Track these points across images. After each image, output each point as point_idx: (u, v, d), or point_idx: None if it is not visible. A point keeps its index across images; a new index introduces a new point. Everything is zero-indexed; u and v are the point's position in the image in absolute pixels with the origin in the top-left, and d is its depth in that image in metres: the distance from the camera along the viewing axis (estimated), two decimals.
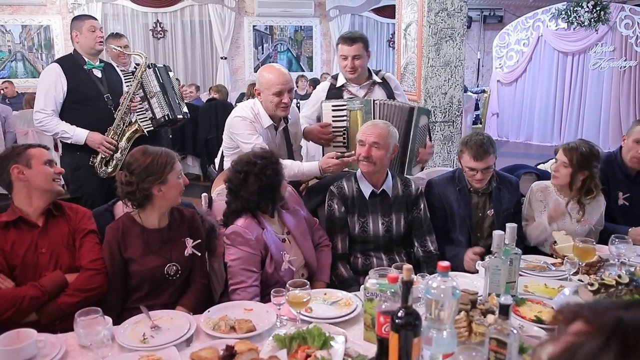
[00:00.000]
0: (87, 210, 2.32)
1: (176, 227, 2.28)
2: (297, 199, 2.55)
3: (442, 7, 4.67)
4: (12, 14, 9.54)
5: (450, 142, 4.92)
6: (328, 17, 11.20)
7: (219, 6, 10.37)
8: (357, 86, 3.23)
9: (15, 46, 9.65)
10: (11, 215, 2.12)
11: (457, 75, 4.85)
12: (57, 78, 3.29)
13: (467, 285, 2.02)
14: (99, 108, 3.38)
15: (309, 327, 1.72)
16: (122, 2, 9.95)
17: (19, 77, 9.55)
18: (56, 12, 9.68)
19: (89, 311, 1.70)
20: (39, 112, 3.28)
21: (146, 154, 2.18)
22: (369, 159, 2.53)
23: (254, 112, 2.91)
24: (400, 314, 1.44)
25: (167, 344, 1.74)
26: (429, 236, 2.67)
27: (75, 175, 3.35)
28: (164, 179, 2.15)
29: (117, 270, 2.15)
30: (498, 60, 10.65)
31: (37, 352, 1.67)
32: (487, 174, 2.69)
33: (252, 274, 2.22)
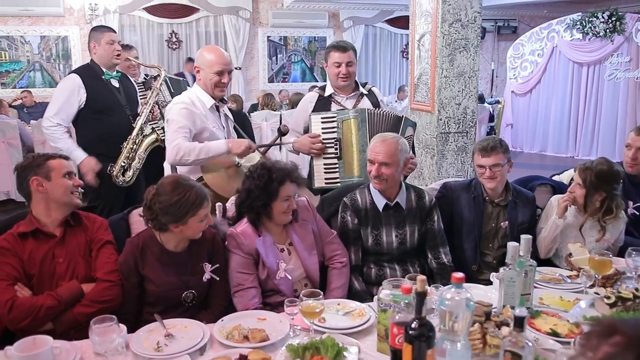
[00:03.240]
0: (104, 220, 2.33)
1: (196, 250, 2.23)
2: (311, 212, 2.53)
3: (456, 18, 4.67)
4: (32, 25, 9.70)
5: (464, 153, 4.90)
6: (342, 28, 11.27)
7: (233, 17, 10.48)
8: (345, 97, 3.27)
9: (34, 56, 9.82)
10: (29, 226, 2.13)
11: (470, 86, 4.84)
12: (75, 89, 3.32)
13: (481, 297, 2.01)
14: (119, 118, 3.42)
15: (322, 338, 1.72)
16: (138, 13, 10.09)
17: (37, 87, 9.70)
18: (74, 23, 9.84)
19: (104, 319, 1.71)
20: (48, 119, 3.33)
21: (175, 191, 2.10)
22: (380, 177, 2.53)
23: (192, 98, 2.92)
24: (414, 325, 1.44)
25: (181, 352, 1.74)
26: (443, 248, 2.65)
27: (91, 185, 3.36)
28: (184, 221, 2.10)
29: (132, 284, 2.15)
30: (512, 71, 10.61)
31: (53, 359, 1.69)
32: (496, 172, 2.67)
33: (248, 276, 2.27)
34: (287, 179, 2.30)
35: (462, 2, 4.65)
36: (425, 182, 4.92)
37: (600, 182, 2.64)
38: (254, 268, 2.30)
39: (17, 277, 2.06)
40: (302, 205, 2.49)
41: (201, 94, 2.95)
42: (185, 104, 2.87)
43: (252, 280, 2.27)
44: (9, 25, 9.61)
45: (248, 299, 2.22)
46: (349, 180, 3.06)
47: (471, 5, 4.68)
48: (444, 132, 4.86)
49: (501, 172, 2.69)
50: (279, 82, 11.20)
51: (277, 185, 2.28)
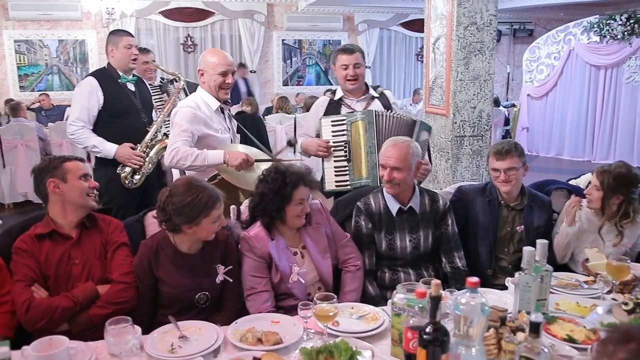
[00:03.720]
0: (119, 222, 2.35)
1: (209, 251, 2.25)
2: (325, 216, 2.52)
3: (472, 21, 4.65)
4: (50, 29, 9.85)
5: (479, 157, 4.88)
6: (356, 31, 11.27)
7: (248, 20, 10.54)
8: (355, 99, 3.27)
9: (52, 60, 9.96)
10: (46, 228, 2.16)
11: (486, 89, 4.81)
12: (93, 91, 3.33)
13: (496, 302, 1.99)
14: (134, 121, 3.44)
15: (336, 341, 1.72)
16: (154, 17, 10.19)
17: (54, 90, 9.84)
18: (91, 27, 9.96)
19: (119, 320, 1.73)
20: (72, 124, 3.33)
21: (188, 192, 2.12)
22: (392, 182, 2.52)
23: (197, 101, 2.95)
24: (428, 329, 1.43)
25: (195, 354, 1.75)
26: (457, 252, 2.63)
27: (108, 187, 3.37)
28: (197, 222, 2.12)
29: (146, 286, 2.17)
30: (528, 74, 10.53)
31: (69, 359, 1.70)
32: (511, 176, 2.65)
33: (261, 280, 2.27)
34: (300, 183, 2.31)
35: (478, 5, 4.64)
36: (440, 185, 4.90)
37: (618, 184, 2.62)
38: (266, 271, 2.30)
39: (34, 278, 2.08)
40: (316, 208, 2.49)
41: (206, 97, 2.98)
42: (190, 107, 2.90)
43: (264, 284, 2.27)
44: (28, 29, 9.76)
45: (260, 302, 2.23)
46: (357, 182, 3.07)
47: (487, 9, 4.66)
48: (459, 136, 4.84)
49: (516, 175, 2.66)
50: (293, 85, 11.23)
51: (291, 189, 2.28)
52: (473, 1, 4.62)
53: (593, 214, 2.74)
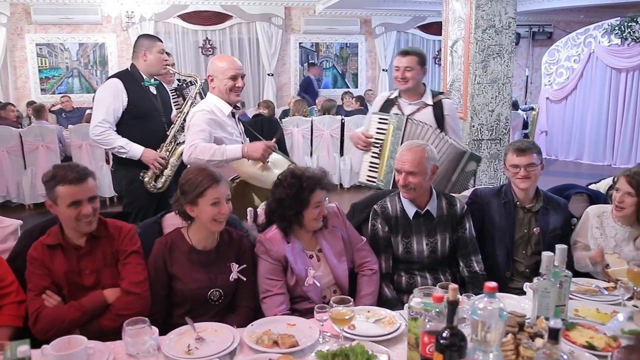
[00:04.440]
0: (131, 228, 2.29)
1: (224, 249, 2.27)
2: (341, 219, 2.52)
3: (490, 24, 4.63)
4: (70, 33, 9.99)
5: (497, 160, 4.84)
6: (374, 34, 11.26)
7: (266, 24, 10.59)
8: (407, 102, 3.29)
9: (72, 63, 10.10)
10: (55, 239, 2.12)
11: (504, 93, 4.78)
12: (118, 92, 3.33)
13: (514, 307, 1.98)
14: (155, 124, 3.46)
15: (352, 345, 1.72)
16: (173, 21, 10.29)
17: (74, 93, 9.96)
18: (111, 30, 10.09)
19: (137, 321, 1.75)
20: (98, 125, 3.29)
21: (191, 172, 2.21)
22: (407, 187, 2.51)
23: (211, 106, 2.99)
24: (445, 334, 1.42)
25: (211, 355, 1.76)
26: (475, 256, 2.61)
27: (129, 189, 3.40)
28: (194, 201, 2.15)
29: (161, 283, 2.18)
30: (547, 77, 10.43)
31: (87, 359, 1.72)
32: (531, 172, 2.63)
33: (276, 282, 2.28)
34: (317, 186, 2.31)
35: (496, 7, 4.61)
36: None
37: None
38: (282, 274, 2.31)
39: (45, 286, 2.07)
40: (332, 211, 2.49)
41: (218, 102, 3.02)
42: (206, 111, 2.95)
43: (280, 287, 2.28)
44: (50, 33, 9.91)
45: (275, 305, 2.23)
46: (379, 183, 3.16)
47: (505, 11, 4.63)
48: (477, 139, 4.81)
49: (535, 172, 2.65)
50: None
51: (308, 193, 2.29)
52: (492, 4, 4.60)
53: (616, 221, 2.65)
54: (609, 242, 2.64)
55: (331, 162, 7.57)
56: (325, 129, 7.58)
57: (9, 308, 2.07)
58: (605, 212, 2.70)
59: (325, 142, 7.61)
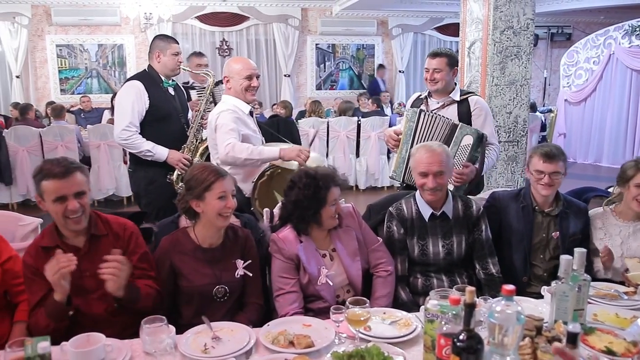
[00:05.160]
0: (134, 227, 2.24)
1: (229, 246, 2.28)
2: (356, 220, 2.52)
3: (508, 25, 4.60)
4: (90, 34, 10.12)
5: (515, 163, 4.81)
6: (390, 35, 11.25)
7: (283, 25, 10.62)
8: (436, 100, 3.33)
9: (92, 64, 10.23)
10: (50, 241, 2.05)
11: (522, 95, 4.75)
12: (140, 95, 3.33)
13: (531, 311, 1.96)
14: (175, 125, 3.48)
15: (368, 346, 1.71)
16: (190, 22, 10.37)
17: (93, 93, 10.08)
18: (129, 32, 10.20)
19: (154, 319, 1.76)
20: (125, 129, 3.29)
21: (196, 168, 2.24)
22: (436, 188, 2.48)
23: (230, 106, 3.05)
24: (462, 336, 1.41)
25: (228, 355, 1.77)
26: (491, 258, 2.59)
27: (148, 189, 3.42)
28: (201, 195, 2.16)
29: (166, 280, 2.20)
30: (566, 79, 10.32)
31: (105, 356, 1.74)
32: (555, 180, 2.58)
33: (289, 281, 2.29)
34: (331, 184, 2.32)
35: (515, 9, 4.58)
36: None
37: None
38: (295, 273, 2.32)
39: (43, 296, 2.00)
40: (347, 211, 2.50)
41: (236, 102, 3.09)
42: (230, 110, 3.01)
43: (292, 285, 2.29)
44: (70, 34, 10.05)
45: (288, 303, 2.25)
46: (393, 174, 3.30)
47: (524, 12, 4.60)
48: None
49: (559, 180, 2.61)
50: (326, 90, 11.27)
51: (325, 192, 2.30)
52: (510, 5, 4.57)
53: (621, 220, 2.64)
54: (614, 240, 2.63)
55: (347, 163, 7.57)
56: (342, 130, 7.58)
57: (26, 304, 2.09)
58: (605, 212, 2.70)
59: (342, 144, 7.61)
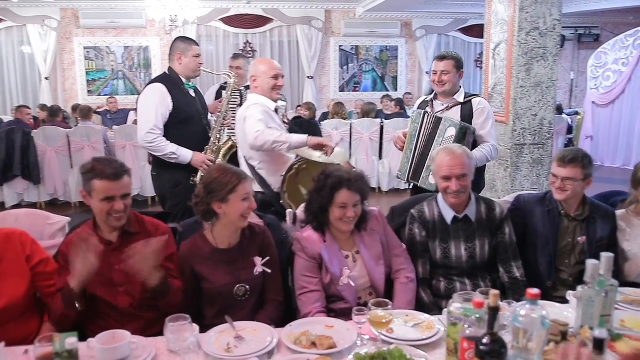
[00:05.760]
0: (167, 229, 2.31)
1: (246, 245, 2.30)
2: (381, 224, 2.51)
3: (534, 27, 4.54)
4: (116, 36, 10.29)
5: (540, 166, 4.75)
6: (414, 37, 11.19)
7: (306, 27, 10.65)
8: (441, 102, 3.41)
9: (118, 66, 10.39)
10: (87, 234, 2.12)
11: (548, 97, 4.69)
12: (164, 97, 3.35)
13: (556, 316, 1.93)
14: (197, 127, 3.51)
15: (390, 348, 1.71)
16: (215, 24, 10.47)
17: (119, 94, 10.23)
18: (155, 34, 10.34)
19: (178, 318, 1.78)
20: (150, 132, 3.31)
21: (216, 171, 2.25)
22: (460, 191, 2.47)
23: (258, 102, 3.23)
24: (485, 340, 1.41)
25: (250, 354, 1.78)
26: (515, 262, 2.56)
27: (174, 192, 3.43)
28: (225, 198, 2.17)
29: (189, 283, 2.22)
30: (593, 81, 10.15)
31: (130, 353, 1.77)
32: (567, 185, 2.54)
33: (312, 279, 2.30)
34: (342, 186, 2.29)
35: (541, 9, 4.52)
36: (499, 194, 4.79)
37: None
38: (317, 272, 2.33)
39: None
40: (373, 215, 2.49)
41: (262, 99, 3.25)
42: (258, 104, 3.20)
43: (315, 284, 2.30)
44: (97, 36, 10.23)
45: (310, 303, 2.26)
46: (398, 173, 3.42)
47: (550, 13, 4.54)
48: (519, 144, 4.73)
49: (573, 187, 2.54)
50: (349, 91, 11.26)
51: (330, 191, 2.30)
52: (536, 6, 4.51)
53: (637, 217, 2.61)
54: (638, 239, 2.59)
55: (370, 165, 7.56)
56: (365, 132, 7.58)
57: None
58: (628, 214, 2.67)
59: (364, 145, 7.60)
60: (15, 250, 2.13)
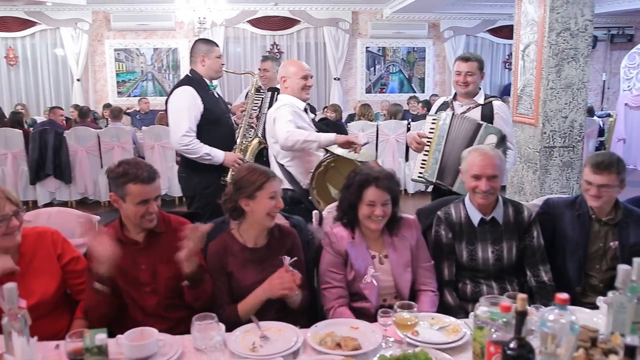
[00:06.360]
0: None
1: (275, 245, 2.31)
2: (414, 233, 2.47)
3: (565, 27, 4.47)
4: (146, 39, 10.47)
5: (570, 169, 4.67)
6: (442, 38, 11.12)
7: (333, 28, 10.66)
8: (461, 104, 3.42)
9: (147, 67, 10.56)
10: (114, 234, 2.16)
11: (579, 98, 4.60)
12: (194, 99, 3.38)
13: (586, 321, 1.90)
14: (225, 127, 3.56)
15: (415, 351, 1.70)
16: (242, 26, 10.56)
17: (148, 96, 10.39)
18: (183, 36, 10.48)
19: (205, 316, 1.81)
20: (185, 135, 3.34)
21: (245, 169, 2.27)
22: (489, 192, 2.45)
23: (287, 103, 3.28)
24: (512, 344, 1.39)
25: (275, 354, 1.79)
26: (543, 265, 2.52)
27: (204, 193, 3.46)
28: (252, 194, 2.19)
29: (222, 282, 2.23)
30: (626, 82, 9.93)
31: (157, 350, 1.79)
32: (603, 192, 2.48)
33: (336, 275, 2.33)
34: (369, 184, 2.30)
35: (572, 10, 4.45)
36: (527, 198, 4.72)
37: None
38: (342, 268, 2.34)
39: None
40: (407, 222, 2.48)
41: (293, 100, 3.31)
42: (288, 105, 3.25)
43: (339, 280, 2.32)
44: (127, 39, 10.42)
45: (333, 298, 2.28)
46: (424, 175, 3.34)
47: (582, 13, 4.46)
48: (548, 146, 4.65)
49: (608, 193, 2.49)
50: (376, 93, 11.23)
51: (359, 188, 2.31)
52: (567, 6, 4.44)
53: None
54: None
55: (396, 167, 7.52)
56: (391, 133, 7.55)
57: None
58: None
59: (391, 147, 7.57)
60: (47, 248, 2.18)
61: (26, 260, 2.12)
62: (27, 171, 7.00)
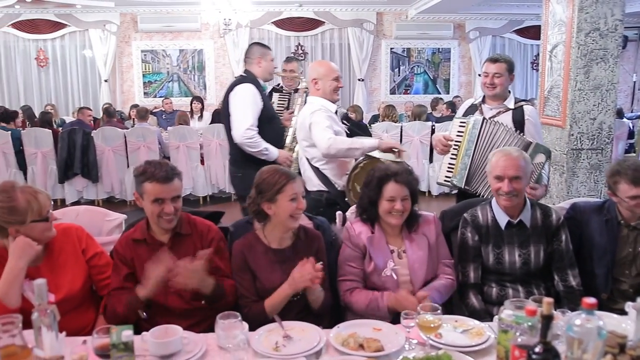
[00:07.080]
0: (218, 231, 2.37)
1: (300, 247, 2.31)
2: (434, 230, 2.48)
3: (594, 27, 4.39)
4: (172, 40, 10.60)
5: (598, 172, 4.58)
6: (467, 39, 11.02)
7: (357, 29, 10.66)
8: (490, 107, 3.34)
9: (173, 68, 10.69)
10: (140, 234, 2.24)
11: (608, 100, 4.52)
12: (256, 97, 3.52)
13: (614, 327, 1.86)
14: (277, 126, 3.70)
15: (438, 353, 1.70)
16: (267, 27, 10.63)
17: (174, 96, 10.51)
18: (209, 37, 10.58)
19: (229, 315, 1.83)
20: (250, 129, 3.46)
21: (266, 172, 2.27)
22: (511, 193, 2.43)
23: (320, 106, 3.22)
24: (537, 349, 1.37)
25: (298, 354, 1.80)
26: (571, 270, 2.48)
27: None
28: (273, 198, 2.20)
29: (248, 281, 2.24)
30: None
31: (182, 348, 1.82)
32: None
33: (352, 269, 2.37)
34: (389, 179, 2.34)
35: (602, 9, 4.37)
36: (554, 201, 4.65)
37: None
38: (360, 262, 2.38)
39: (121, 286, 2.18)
40: (427, 219, 2.49)
41: (324, 102, 3.26)
42: (322, 109, 3.20)
43: (355, 274, 2.37)
44: (153, 40, 10.56)
45: (344, 290, 2.36)
46: (452, 180, 3.25)
47: (612, 13, 4.38)
48: (576, 149, 4.57)
49: None
50: (400, 94, 11.18)
51: (378, 184, 2.35)
52: (596, 6, 4.36)
53: None
54: None
55: (420, 168, 7.48)
56: (415, 135, 7.50)
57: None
58: None
59: (415, 148, 7.53)
60: (73, 243, 2.24)
61: (54, 256, 2.18)
62: (56, 170, 7.15)
